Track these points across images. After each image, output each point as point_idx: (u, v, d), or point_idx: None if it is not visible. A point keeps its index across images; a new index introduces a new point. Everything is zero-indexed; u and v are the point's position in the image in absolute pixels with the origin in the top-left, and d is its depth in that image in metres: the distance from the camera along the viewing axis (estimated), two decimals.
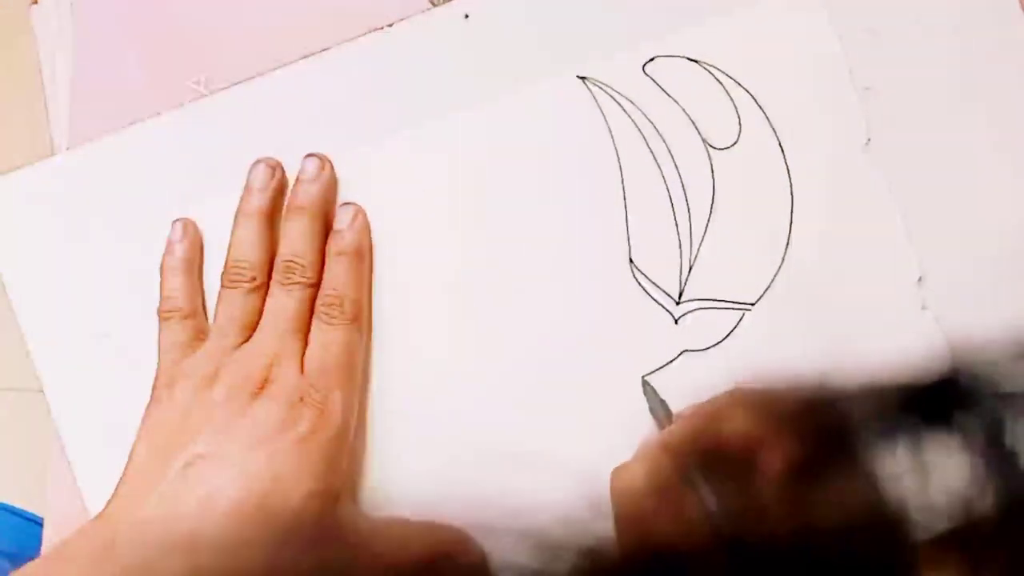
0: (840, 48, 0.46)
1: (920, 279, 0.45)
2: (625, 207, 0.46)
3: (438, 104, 0.46)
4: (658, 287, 0.45)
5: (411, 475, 0.45)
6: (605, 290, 0.45)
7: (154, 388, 0.44)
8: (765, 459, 0.32)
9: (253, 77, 0.47)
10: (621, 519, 0.38)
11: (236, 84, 0.47)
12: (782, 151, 0.46)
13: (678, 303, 0.45)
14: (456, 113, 0.46)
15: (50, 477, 0.47)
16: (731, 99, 0.46)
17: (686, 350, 0.45)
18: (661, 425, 0.43)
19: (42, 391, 0.47)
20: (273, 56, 0.48)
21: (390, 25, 0.47)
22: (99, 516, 0.40)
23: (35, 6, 0.50)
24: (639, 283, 0.45)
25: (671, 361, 0.45)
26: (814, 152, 0.45)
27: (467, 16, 0.47)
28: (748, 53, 0.46)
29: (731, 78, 0.46)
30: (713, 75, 0.46)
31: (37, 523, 0.52)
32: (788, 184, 0.45)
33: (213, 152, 0.47)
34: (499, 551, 0.38)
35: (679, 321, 0.45)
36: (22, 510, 0.48)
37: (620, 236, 0.46)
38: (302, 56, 0.47)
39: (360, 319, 0.44)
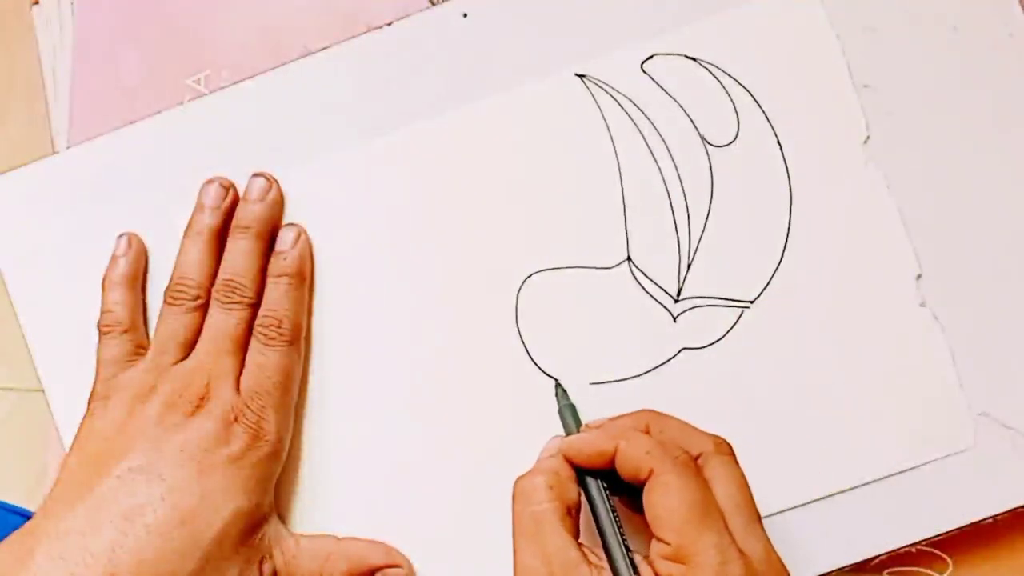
0: (838, 46, 0.46)
1: (919, 276, 0.45)
2: (624, 205, 0.46)
3: (437, 102, 0.46)
4: (657, 285, 0.45)
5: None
6: (603, 289, 0.45)
7: (90, 401, 0.44)
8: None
9: (252, 76, 0.47)
10: (517, 522, 0.39)
11: (235, 83, 0.47)
12: (780, 149, 0.46)
13: (676, 301, 0.45)
14: (454, 111, 0.46)
15: (50, 477, 0.47)
16: (729, 97, 0.46)
17: (685, 348, 0.45)
18: (568, 429, 0.43)
19: (42, 391, 0.47)
20: (272, 54, 0.48)
21: (389, 24, 0.47)
22: (24, 528, 0.41)
23: (36, 6, 0.50)
24: (637, 281, 0.45)
25: (670, 359, 0.45)
26: (813, 149, 0.45)
27: (465, 15, 0.47)
28: (746, 51, 0.46)
29: (729, 76, 0.46)
30: (711, 73, 0.46)
31: None
32: (787, 181, 0.45)
33: (212, 150, 0.47)
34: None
35: (678, 319, 0.45)
36: (22, 508, 0.48)
37: (618, 234, 0.46)
38: (302, 55, 0.47)
39: (297, 341, 0.45)
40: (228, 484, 0.41)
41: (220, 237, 0.45)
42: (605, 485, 0.40)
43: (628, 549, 0.38)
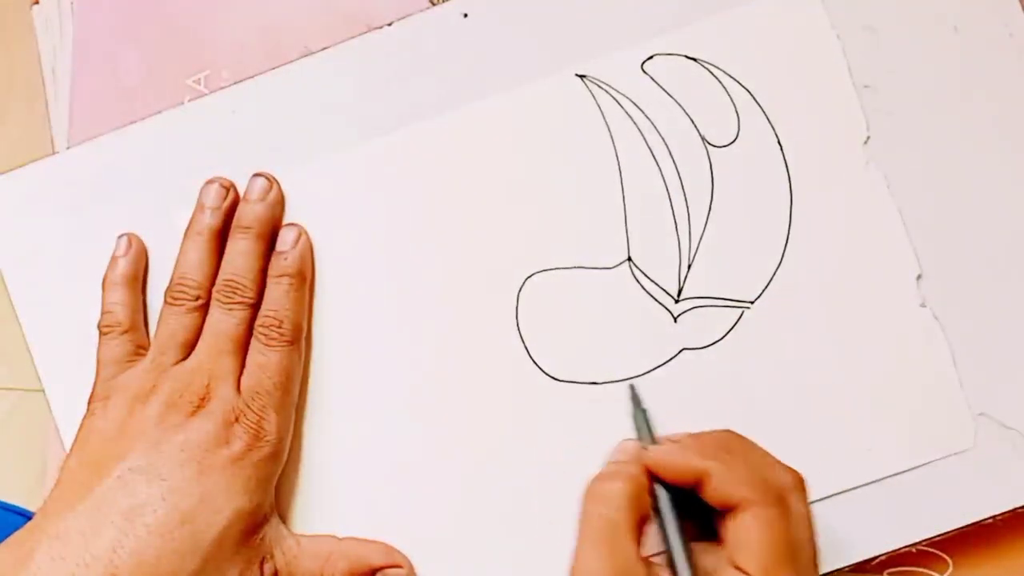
0: (839, 46, 0.46)
1: (919, 276, 0.45)
2: (624, 205, 0.46)
3: (437, 102, 0.46)
4: (657, 285, 0.45)
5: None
6: (604, 289, 0.45)
7: (90, 401, 0.44)
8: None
9: (252, 76, 0.47)
10: (588, 524, 0.38)
11: (235, 83, 0.47)
12: (781, 149, 0.46)
13: (677, 301, 0.45)
14: (454, 111, 0.46)
15: (50, 477, 0.47)
16: (730, 97, 0.46)
17: (685, 348, 0.45)
18: (639, 432, 0.43)
19: (42, 391, 0.47)
20: (272, 54, 0.48)
21: (389, 24, 0.47)
22: (24, 528, 0.41)
23: (36, 6, 0.50)
24: (638, 281, 0.45)
25: (670, 359, 0.45)
26: (813, 150, 0.45)
27: (466, 15, 0.47)
28: (747, 51, 0.46)
29: (730, 76, 0.46)
30: (712, 73, 0.46)
31: None
32: (787, 182, 0.45)
33: (212, 150, 0.47)
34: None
35: (678, 319, 0.45)
36: (22, 508, 0.48)
37: (619, 234, 0.46)
38: (302, 55, 0.47)
39: (298, 341, 0.44)
40: (228, 484, 0.41)
41: (221, 237, 0.45)
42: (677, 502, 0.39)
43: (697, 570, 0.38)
